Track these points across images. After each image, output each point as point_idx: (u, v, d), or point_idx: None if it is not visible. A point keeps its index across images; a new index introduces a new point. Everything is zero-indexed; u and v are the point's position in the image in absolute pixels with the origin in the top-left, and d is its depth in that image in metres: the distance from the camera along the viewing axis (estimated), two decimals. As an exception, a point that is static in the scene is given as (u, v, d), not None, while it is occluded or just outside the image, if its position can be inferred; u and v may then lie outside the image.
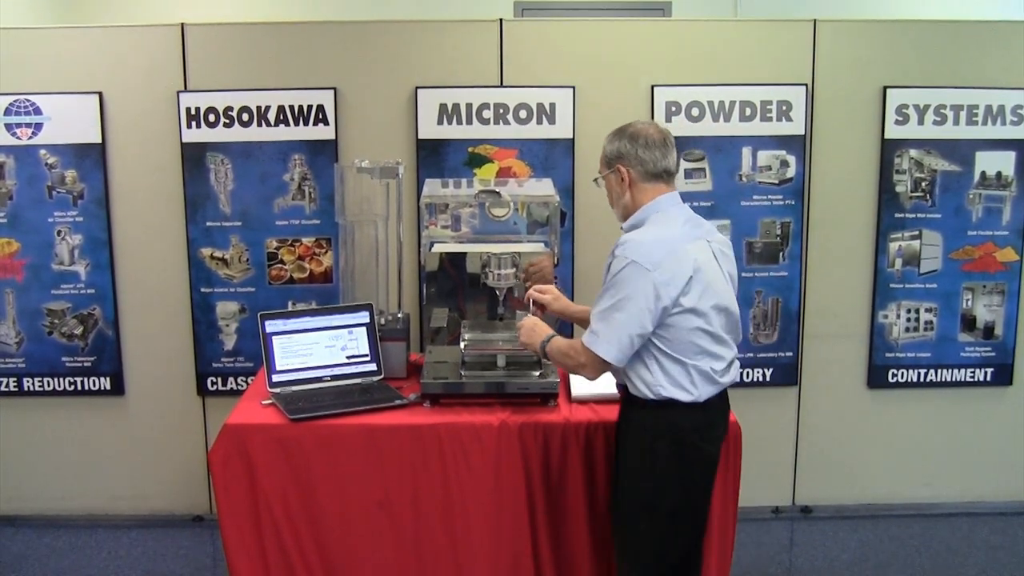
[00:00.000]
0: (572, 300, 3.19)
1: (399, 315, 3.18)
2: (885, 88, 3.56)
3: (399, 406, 2.79)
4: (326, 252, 3.62)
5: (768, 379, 3.75)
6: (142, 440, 3.72)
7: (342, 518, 2.66)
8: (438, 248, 2.98)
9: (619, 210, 2.41)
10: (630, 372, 2.34)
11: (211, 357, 3.68)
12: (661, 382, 2.29)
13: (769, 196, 3.62)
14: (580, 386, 2.81)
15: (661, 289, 2.22)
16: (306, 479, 2.65)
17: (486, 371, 2.80)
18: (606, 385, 2.59)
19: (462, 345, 2.84)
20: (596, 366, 2.33)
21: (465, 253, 3.00)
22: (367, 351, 3.01)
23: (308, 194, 3.57)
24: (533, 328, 2.56)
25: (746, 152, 3.60)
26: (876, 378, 3.75)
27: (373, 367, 3.01)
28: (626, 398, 2.41)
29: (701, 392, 2.29)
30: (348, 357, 3.00)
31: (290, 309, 3.57)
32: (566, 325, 3.17)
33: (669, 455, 2.29)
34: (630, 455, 2.35)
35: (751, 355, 3.73)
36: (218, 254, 3.62)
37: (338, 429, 2.66)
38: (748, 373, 3.73)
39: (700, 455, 2.31)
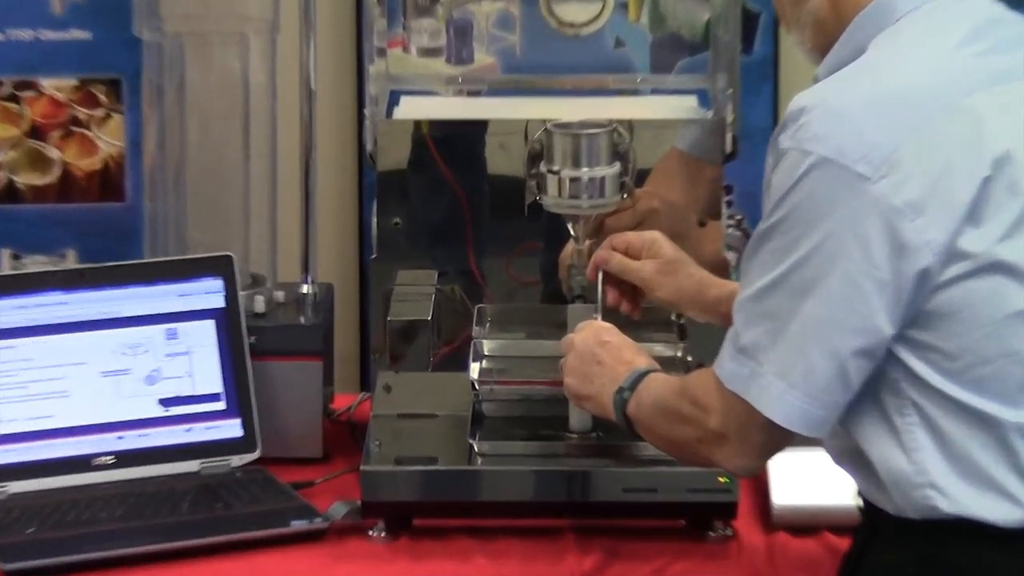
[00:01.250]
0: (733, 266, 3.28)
1: (306, 288, 3.08)
2: None
3: (302, 536, 2.61)
4: (107, 119, 3.59)
5: None
6: None
7: None
8: (409, 109, 2.96)
9: (806, 35, 2.30)
10: (861, 445, 2.15)
11: None
12: (933, 474, 2.06)
13: None
14: (792, 486, 2.70)
15: (903, 223, 2.00)
16: None
17: (536, 444, 2.71)
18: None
19: (474, 372, 2.73)
20: (751, 440, 2.17)
21: (486, 123, 2.89)
22: (218, 388, 2.87)
23: (59, -36, 3.67)
24: (594, 354, 2.49)
25: None
26: None
27: (235, 429, 2.86)
28: (864, 513, 2.25)
29: None
30: (163, 402, 2.84)
31: (9, 272, 3.55)
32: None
33: None
34: None
35: None
36: None
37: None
38: None
39: None
